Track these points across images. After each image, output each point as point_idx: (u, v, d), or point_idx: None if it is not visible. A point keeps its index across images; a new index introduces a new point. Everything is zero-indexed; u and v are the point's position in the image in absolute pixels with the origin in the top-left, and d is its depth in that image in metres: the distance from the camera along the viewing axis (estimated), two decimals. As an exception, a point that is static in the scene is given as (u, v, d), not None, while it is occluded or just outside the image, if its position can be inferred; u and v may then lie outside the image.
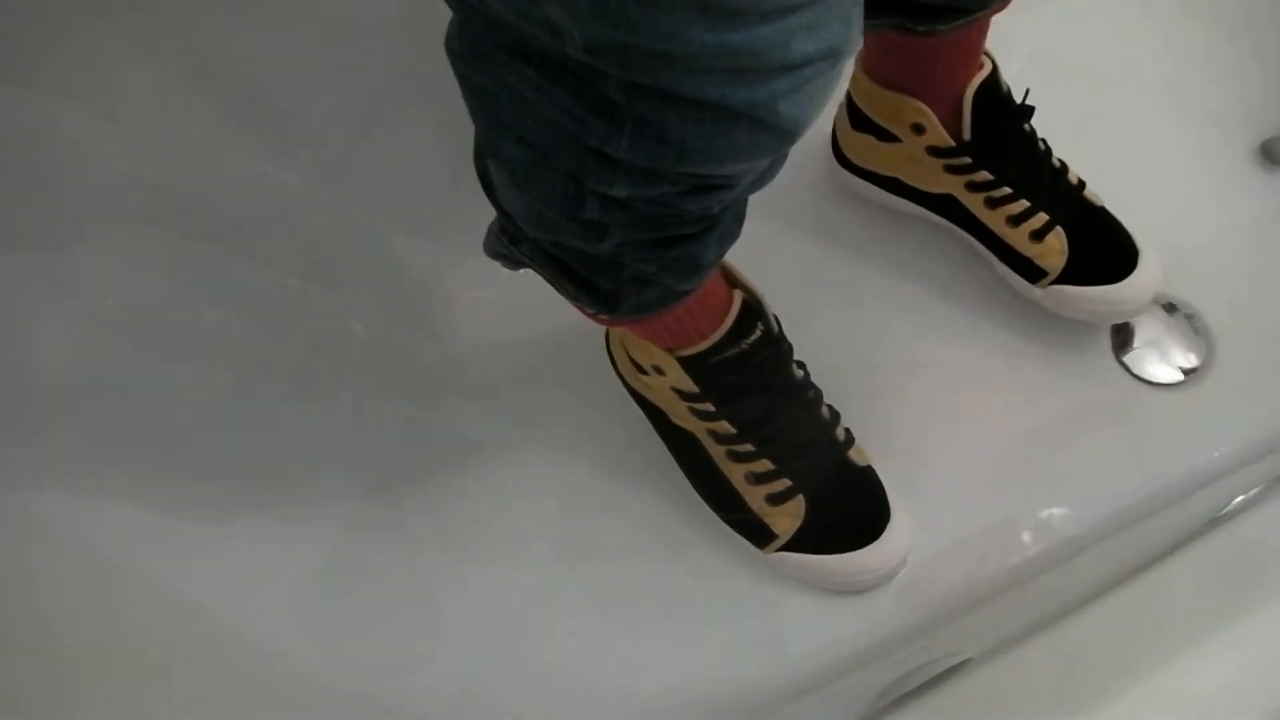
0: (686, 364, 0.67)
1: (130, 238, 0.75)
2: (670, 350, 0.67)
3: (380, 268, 0.86)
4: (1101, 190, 0.81)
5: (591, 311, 0.59)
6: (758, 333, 0.67)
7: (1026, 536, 0.75)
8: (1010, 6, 0.68)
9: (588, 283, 0.54)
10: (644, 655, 0.72)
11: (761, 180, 0.48)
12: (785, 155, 0.48)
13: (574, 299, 0.57)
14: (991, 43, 0.71)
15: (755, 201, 0.56)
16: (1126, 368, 0.81)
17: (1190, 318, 0.83)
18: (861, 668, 0.69)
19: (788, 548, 0.71)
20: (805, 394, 0.72)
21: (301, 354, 0.82)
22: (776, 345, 0.70)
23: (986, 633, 0.63)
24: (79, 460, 0.71)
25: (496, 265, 0.87)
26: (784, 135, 0.42)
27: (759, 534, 0.72)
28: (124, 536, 0.70)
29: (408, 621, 0.74)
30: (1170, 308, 0.83)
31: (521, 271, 0.86)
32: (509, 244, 0.57)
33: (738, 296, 0.67)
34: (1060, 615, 0.48)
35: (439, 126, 0.82)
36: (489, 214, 0.62)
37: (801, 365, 0.73)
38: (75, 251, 0.73)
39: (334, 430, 0.80)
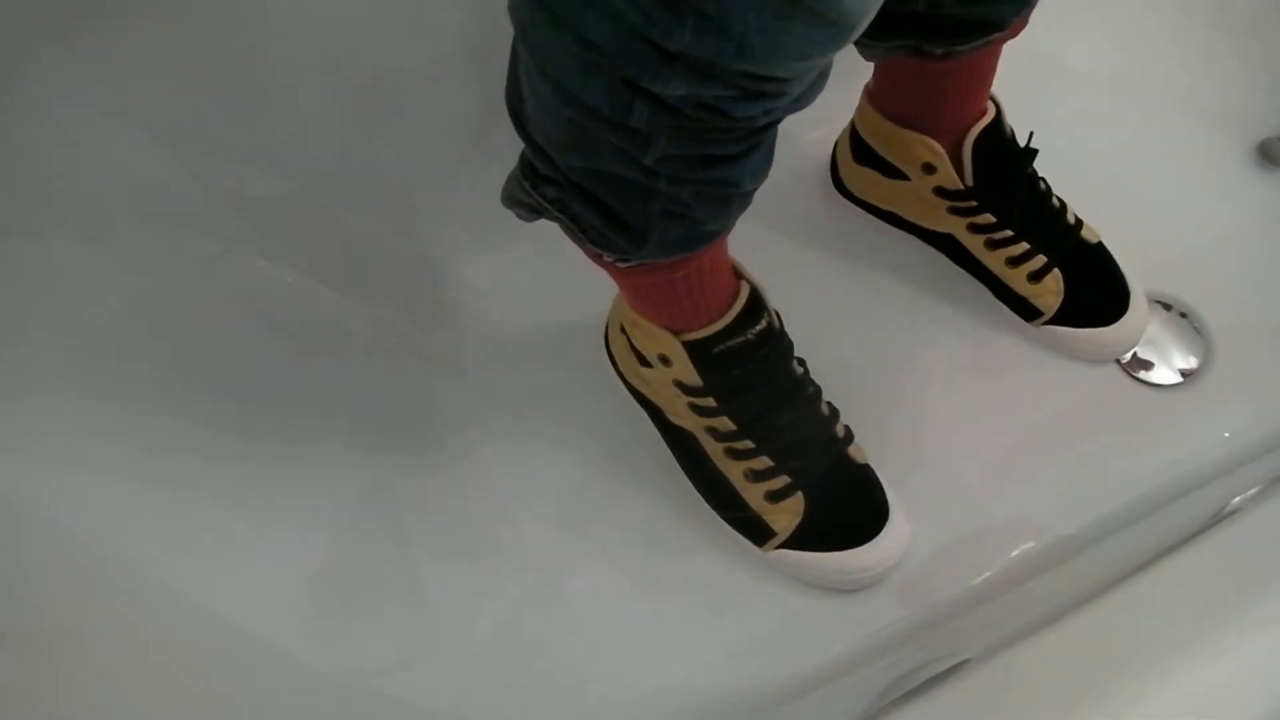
0: (692, 350, 0.67)
1: (129, 236, 0.75)
2: (677, 334, 0.67)
3: (379, 267, 0.86)
4: (1101, 192, 0.81)
5: (611, 259, 0.58)
6: (763, 323, 0.67)
7: (1026, 536, 0.75)
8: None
9: (615, 216, 0.53)
10: (643, 655, 0.72)
11: (803, 98, 0.48)
12: (826, 74, 0.48)
13: (595, 241, 0.56)
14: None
15: (757, 201, 0.56)
16: (1125, 368, 0.81)
17: (1189, 318, 0.83)
18: (861, 668, 0.69)
19: (786, 545, 0.71)
20: (805, 390, 0.72)
21: (300, 352, 0.82)
22: (779, 340, 0.70)
23: (986, 632, 0.63)
24: (75, 458, 0.71)
25: (495, 264, 0.87)
26: (840, 31, 0.42)
27: (758, 532, 0.72)
28: (121, 534, 0.70)
29: (406, 621, 0.74)
30: (1169, 308, 0.83)
31: (521, 271, 0.87)
32: (529, 188, 0.56)
33: (745, 286, 0.67)
34: (1060, 615, 0.48)
35: (438, 127, 0.82)
36: (488, 213, 0.62)
37: (801, 362, 0.73)
38: (74, 250, 0.73)
39: (333, 429, 0.80)
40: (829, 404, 0.74)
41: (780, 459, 0.71)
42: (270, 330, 0.81)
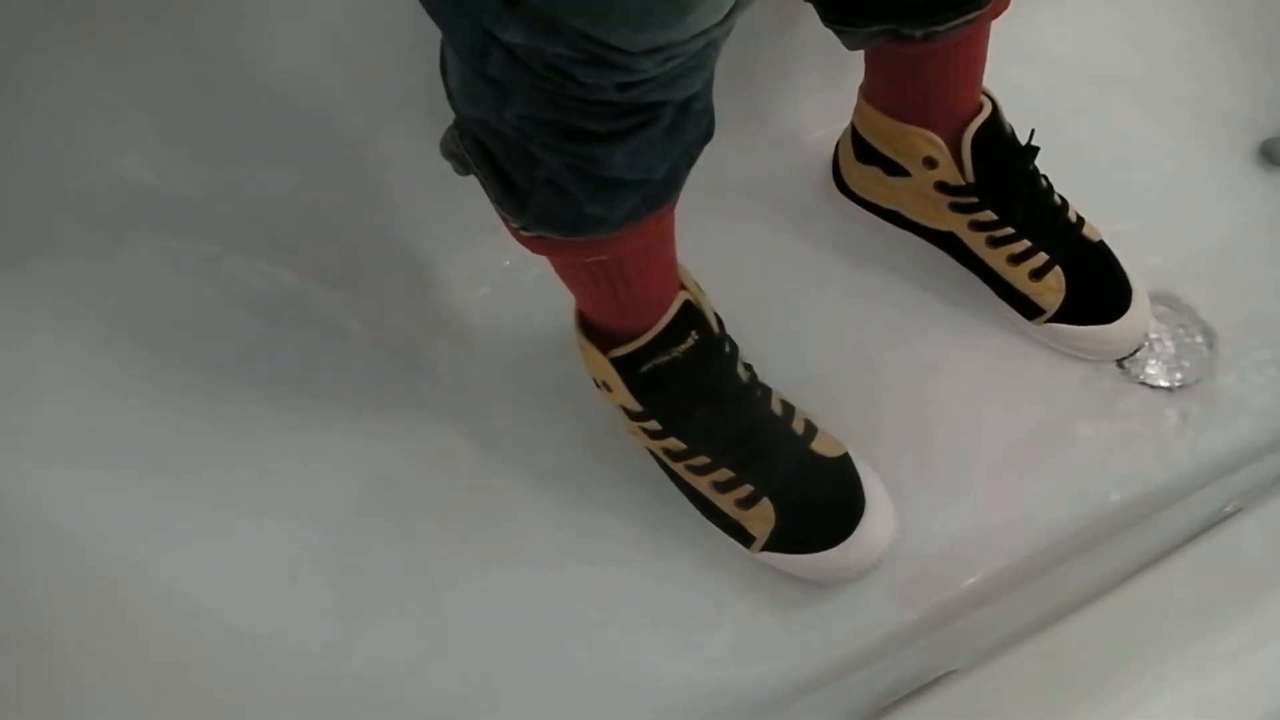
0: (620, 368, 0.67)
1: (128, 237, 0.75)
2: (606, 351, 0.67)
3: (379, 267, 0.86)
4: (1101, 191, 0.81)
5: (515, 225, 0.59)
6: (690, 341, 0.66)
7: (1026, 537, 0.74)
8: (1013, 9, 0.68)
9: (503, 174, 0.54)
10: (643, 655, 0.72)
11: (673, 85, 0.47)
12: (704, 64, 0.47)
13: (497, 202, 0.57)
14: (994, 45, 0.71)
15: (758, 200, 0.56)
16: (1125, 367, 0.81)
17: (1190, 316, 0.83)
18: (859, 668, 0.69)
19: (769, 548, 0.71)
20: (752, 395, 0.71)
21: (300, 353, 0.82)
22: (717, 350, 0.69)
23: (986, 633, 0.63)
24: (73, 457, 0.71)
25: (496, 264, 0.87)
26: (676, 7, 0.41)
27: (742, 536, 0.72)
28: (122, 534, 0.70)
29: (407, 622, 0.74)
30: (1171, 306, 0.83)
31: (521, 271, 0.87)
32: (458, 138, 0.57)
33: (679, 299, 0.66)
34: (1060, 615, 0.48)
35: (441, 127, 0.82)
36: (489, 213, 0.62)
37: (748, 367, 0.72)
38: (73, 251, 0.73)
39: (333, 429, 0.80)
40: (783, 402, 0.73)
41: (739, 468, 0.70)
42: (270, 330, 0.81)
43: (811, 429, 0.73)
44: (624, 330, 0.67)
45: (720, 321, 0.70)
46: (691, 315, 0.67)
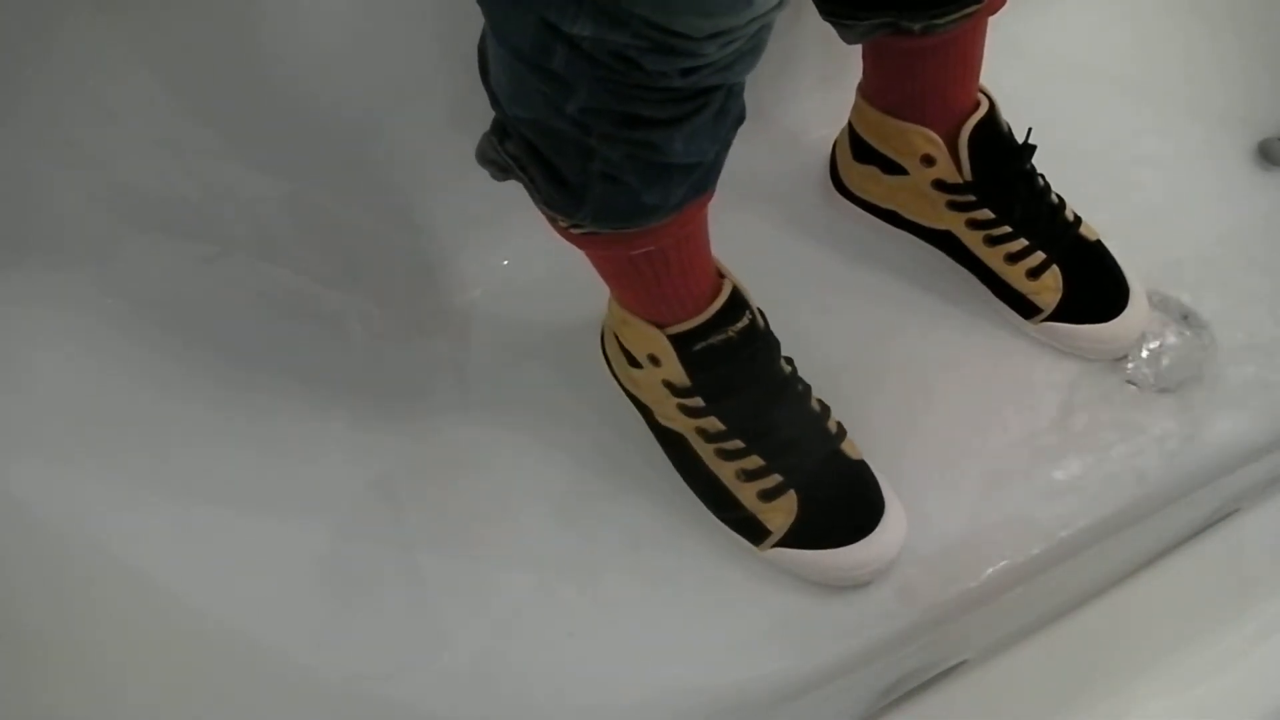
0: (676, 345, 0.67)
1: (127, 238, 0.75)
2: (661, 327, 0.67)
3: (379, 267, 0.86)
4: (1099, 190, 0.81)
5: (564, 224, 0.59)
6: (744, 321, 0.68)
7: (1026, 536, 0.75)
8: (1012, 9, 0.68)
9: (556, 172, 0.54)
10: (642, 655, 0.72)
11: (731, 68, 0.48)
12: (759, 47, 0.48)
13: (545, 201, 0.57)
14: (993, 44, 0.72)
15: (757, 200, 0.56)
16: (1123, 366, 0.81)
17: (1188, 316, 0.83)
18: (861, 668, 0.69)
19: (782, 544, 0.71)
20: (794, 388, 0.72)
21: (299, 353, 0.82)
22: (764, 339, 0.70)
23: (986, 632, 0.63)
24: (70, 457, 0.71)
25: (495, 264, 0.87)
26: None
27: (754, 531, 0.72)
28: (118, 534, 0.70)
29: (404, 621, 0.74)
30: (1168, 306, 0.83)
31: (521, 271, 0.87)
32: (497, 144, 0.57)
33: (727, 284, 0.68)
34: (1060, 615, 0.48)
35: (441, 127, 0.82)
36: (488, 213, 0.62)
37: (789, 361, 0.73)
38: (72, 252, 0.73)
39: (331, 429, 0.80)
40: (819, 401, 0.74)
41: (771, 458, 0.71)
42: (269, 331, 0.81)
43: (842, 430, 0.74)
44: (663, 323, 0.68)
45: (763, 315, 0.71)
46: (740, 301, 0.68)
